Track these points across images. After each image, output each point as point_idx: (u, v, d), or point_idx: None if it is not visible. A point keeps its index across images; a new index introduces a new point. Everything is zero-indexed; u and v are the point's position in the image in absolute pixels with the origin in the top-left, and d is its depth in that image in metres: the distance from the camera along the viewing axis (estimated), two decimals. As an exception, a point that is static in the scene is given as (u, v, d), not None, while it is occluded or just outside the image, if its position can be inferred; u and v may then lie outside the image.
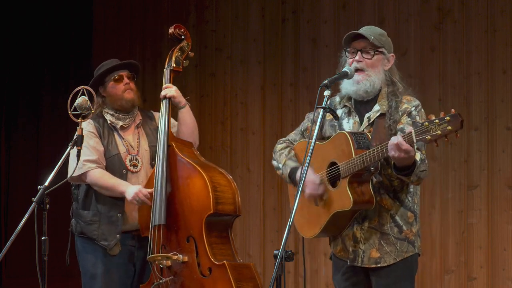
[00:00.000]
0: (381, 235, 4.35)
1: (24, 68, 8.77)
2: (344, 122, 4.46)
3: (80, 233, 5.31)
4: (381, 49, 4.39)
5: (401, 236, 4.36)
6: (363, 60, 4.37)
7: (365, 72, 4.37)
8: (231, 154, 8.02)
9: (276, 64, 7.86)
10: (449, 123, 3.88)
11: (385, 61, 4.42)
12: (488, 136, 6.86)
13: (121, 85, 5.36)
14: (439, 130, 3.89)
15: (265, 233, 7.80)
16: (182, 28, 5.50)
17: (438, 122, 3.89)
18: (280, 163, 4.61)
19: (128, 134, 5.39)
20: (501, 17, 6.85)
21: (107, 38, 8.79)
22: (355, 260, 4.39)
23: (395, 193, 4.36)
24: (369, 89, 4.38)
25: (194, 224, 5.06)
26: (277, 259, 3.83)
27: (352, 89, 4.39)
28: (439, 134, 3.89)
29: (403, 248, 4.37)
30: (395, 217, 4.36)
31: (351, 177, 4.25)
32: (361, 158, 4.18)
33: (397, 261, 4.35)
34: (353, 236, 4.39)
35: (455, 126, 3.87)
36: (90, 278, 5.29)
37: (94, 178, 5.21)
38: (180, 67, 5.45)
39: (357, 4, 7.45)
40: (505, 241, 6.78)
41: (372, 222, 4.36)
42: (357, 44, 4.38)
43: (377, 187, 4.33)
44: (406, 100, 4.38)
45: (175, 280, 5.10)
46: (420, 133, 3.95)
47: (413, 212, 4.40)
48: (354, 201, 4.23)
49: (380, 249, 4.35)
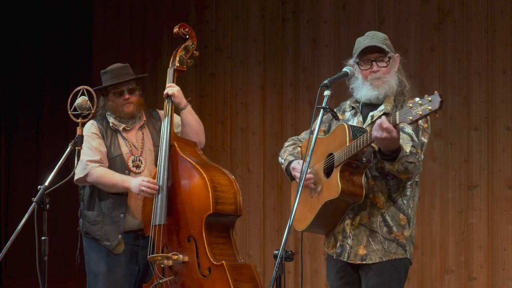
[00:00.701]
0: (370, 232, 4.37)
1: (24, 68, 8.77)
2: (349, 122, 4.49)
3: (85, 233, 5.34)
4: (390, 54, 4.44)
5: (390, 236, 4.36)
6: (380, 69, 4.40)
7: (383, 79, 4.40)
8: (231, 154, 8.02)
9: (276, 64, 7.86)
10: (430, 104, 3.91)
11: (394, 64, 4.46)
12: (488, 136, 6.86)
13: (121, 100, 5.36)
14: (420, 111, 3.93)
15: (265, 233, 7.80)
16: (187, 27, 5.49)
17: (421, 103, 3.94)
18: (283, 158, 4.66)
19: (131, 135, 5.40)
20: (501, 17, 6.85)
21: (107, 38, 8.79)
22: (341, 254, 4.41)
23: (389, 193, 4.38)
24: (388, 92, 4.41)
25: (194, 224, 5.06)
26: (277, 259, 3.84)
27: (373, 94, 4.42)
28: (420, 115, 3.93)
29: (391, 248, 4.37)
30: (385, 216, 4.37)
31: (343, 166, 4.27)
32: (352, 145, 4.22)
33: (384, 260, 4.35)
34: (342, 231, 4.40)
35: (434, 106, 3.89)
36: (94, 277, 5.32)
37: (96, 176, 5.22)
38: (184, 67, 5.45)
39: (357, 4, 7.45)
40: (505, 241, 6.78)
41: (363, 219, 4.38)
42: (371, 55, 4.41)
43: (371, 185, 4.35)
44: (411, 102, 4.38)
45: (176, 280, 5.10)
46: (403, 115, 3.99)
47: (406, 215, 4.40)
48: (342, 190, 4.24)
49: (367, 246, 4.37)
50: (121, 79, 5.35)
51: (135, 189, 5.15)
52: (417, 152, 4.25)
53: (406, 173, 4.24)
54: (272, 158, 7.71)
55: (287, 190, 7.62)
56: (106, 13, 8.84)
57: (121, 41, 8.69)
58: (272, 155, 7.72)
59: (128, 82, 5.38)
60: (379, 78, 4.38)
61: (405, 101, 4.37)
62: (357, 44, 4.47)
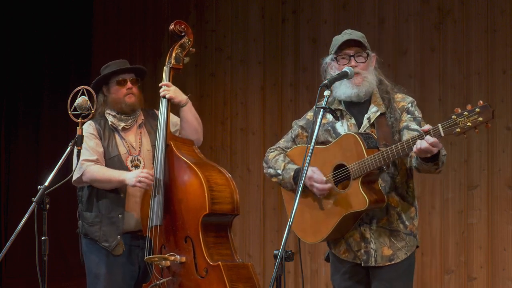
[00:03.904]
0: (391, 232, 4.38)
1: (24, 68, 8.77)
2: (338, 125, 4.47)
3: (84, 234, 5.33)
4: (368, 50, 4.43)
5: (407, 231, 4.41)
6: (358, 64, 4.38)
7: (362, 75, 4.38)
8: (231, 154, 8.02)
9: (276, 64, 7.86)
10: (480, 115, 3.93)
11: (371, 61, 4.45)
12: (488, 136, 6.86)
13: (124, 89, 5.34)
14: (470, 122, 3.95)
15: (265, 233, 7.80)
16: (182, 24, 5.45)
17: (467, 115, 3.95)
18: (279, 169, 4.55)
19: (129, 134, 5.39)
20: (501, 17, 6.85)
21: (107, 38, 8.79)
22: (368, 260, 4.39)
23: (398, 191, 4.40)
24: (368, 90, 4.40)
25: (191, 225, 5.05)
26: (277, 259, 3.84)
27: (353, 92, 4.39)
28: (470, 126, 3.96)
29: (411, 242, 4.43)
30: (400, 213, 4.40)
31: (364, 177, 4.25)
32: (376, 157, 4.20)
33: (408, 255, 4.40)
34: (362, 237, 4.40)
35: (487, 117, 3.93)
36: (94, 278, 5.31)
37: (91, 173, 5.19)
38: (180, 64, 5.40)
39: (357, 4, 7.45)
40: (505, 241, 6.78)
41: (380, 221, 4.38)
42: (349, 50, 4.39)
43: (383, 186, 4.35)
44: (400, 98, 4.44)
45: (174, 281, 5.09)
46: (448, 127, 3.99)
47: (414, 207, 4.46)
48: (369, 201, 4.24)
49: (392, 246, 4.38)
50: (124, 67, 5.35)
51: (130, 180, 5.10)
52: None
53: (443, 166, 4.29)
54: (272, 158, 7.72)
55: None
56: (106, 13, 8.84)
57: (121, 41, 8.69)
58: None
59: (130, 72, 5.37)
60: (358, 74, 4.36)
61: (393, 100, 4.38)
62: (334, 41, 4.46)
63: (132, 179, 5.11)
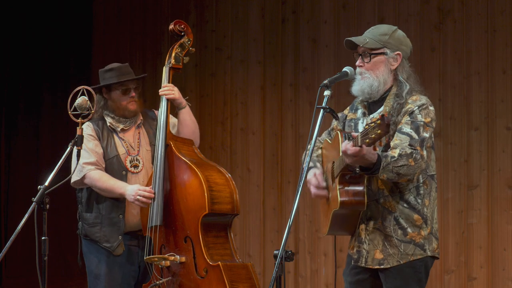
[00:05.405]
0: (385, 236, 4.32)
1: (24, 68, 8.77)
2: (360, 122, 4.46)
3: (84, 235, 5.33)
4: (380, 49, 4.37)
5: (405, 238, 4.29)
6: (364, 64, 4.37)
7: (363, 75, 4.37)
8: (231, 154, 8.02)
9: (276, 64, 7.86)
10: (379, 127, 3.89)
11: (390, 61, 4.37)
12: (488, 136, 6.86)
13: (127, 97, 5.35)
14: (373, 134, 3.92)
15: (265, 233, 7.80)
16: (182, 23, 5.45)
17: (373, 126, 3.92)
18: None
19: (128, 135, 5.39)
20: (501, 17, 6.85)
21: (107, 38, 8.79)
22: (359, 260, 4.38)
23: (401, 195, 4.31)
24: (366, 89, 4.36)
25: (190, 225, 5.05)
26: (277, 259, 3.84)
27: (355, 89, 4.41)
28: (374, 138, 3.92)
29: (408, 250, 4.30)
30: (398, 219, 4.29)
31: (340, 177, 4.24)
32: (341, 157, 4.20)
33: (401, 263, 4.30)
34: (358, 237, 4.38)
35: (384, 130, 3.88)
36: (94, 278, 5.31)
37: (92, 179, 5.21)
38: (179, 64, 5.40)
39: (357, 4, 7.45)
40: (505, 241, 6.78)
41: (376, 223, 4.33)
42: (359, 48, 4.39)
43: (381, 189, 4.30)
44: (412, 100, 4.31)
45: (174, 281, 5.09)
46: (362, 136, 3.97)
47: (421, 215, 4.31)
48: (341, 202, 4.21)
49: (383, 250, 4.31)
50: (128, 77, 5.34)
51: (129, 197, 5.13)
52: (413, 150, 4.16)
53: (401, 177, 4.18)
54: (272, 158, 7.72)
55: (287, 190, 7.62)
56: (106, 13, 8.84)
57: (121, 41, 8.69)
58: (272, 155, 7.72)
59: (133, 80, 5.38)
60: (361, 74, 4.36)
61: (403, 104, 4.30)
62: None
63: (131, 196, 5.12)
